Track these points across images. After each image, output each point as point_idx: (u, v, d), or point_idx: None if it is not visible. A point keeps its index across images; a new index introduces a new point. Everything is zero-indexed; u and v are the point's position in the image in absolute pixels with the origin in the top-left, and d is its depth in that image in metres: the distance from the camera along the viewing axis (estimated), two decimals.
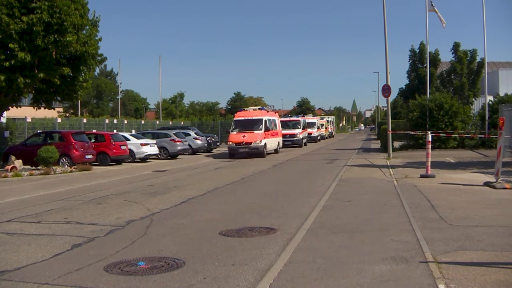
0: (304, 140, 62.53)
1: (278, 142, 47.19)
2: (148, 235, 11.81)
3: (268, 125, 42.98)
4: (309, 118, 78.89)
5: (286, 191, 19.59)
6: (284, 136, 55.96)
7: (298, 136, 59.17)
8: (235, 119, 44.48)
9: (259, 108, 47.35)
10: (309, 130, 69.98)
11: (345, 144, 66.56)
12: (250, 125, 42.27)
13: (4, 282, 8.50)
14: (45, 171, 27.55)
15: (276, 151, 45.86)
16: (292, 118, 66.33)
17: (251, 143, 40.23)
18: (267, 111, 46.83)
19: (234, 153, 40.99)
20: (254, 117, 43.35)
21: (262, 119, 42.61)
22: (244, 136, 40.61)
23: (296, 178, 24.53)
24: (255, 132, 41.14)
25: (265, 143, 41.37)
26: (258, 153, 40.55)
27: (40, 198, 19.03)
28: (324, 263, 9.05)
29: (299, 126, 61.23)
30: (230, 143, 41.23)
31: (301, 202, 16.37)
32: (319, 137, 79.05)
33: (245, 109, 47.62)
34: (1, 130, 32.88)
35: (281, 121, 60.89)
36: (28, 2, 25.76)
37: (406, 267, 8.67)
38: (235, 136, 41.17)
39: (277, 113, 52.18)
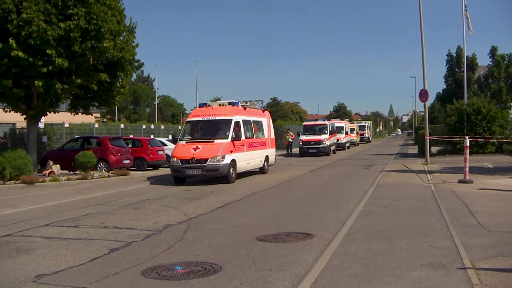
0: (332, 148, 54.43)
1: (266, 157, 31.70)
2: (185, 240, 11.82)
3: (242, 130, 27.59)
4: (337, 122, 68.52)
5: (323, 196, 19.53)
6: (308, 143, 51.18)
7: (324, 142, 50.75)
8: (188, 119, 29.61)
9: (229, 103, 28.84)
10: (336, 135, 59.63)
11: (382, 149, 65.50)
12: (211, 129, 27.43)
13: (42, 285, 8.57)
14: (82, 176, 27.76)
15: (262, 170, 31.13)
16: (318, 122, 56.76)
17: (206, 160, 24.98)
18: (244, 108, 29.63)
19: (180, 176, 25.92)
20: (217, 117, 27.41)
21: (230, 121, 26.94)
22: (196, 149, 25.44)
23: (333, 184, 24.40)
24: (216, 142, 25.90)
25: (233, 160, 25.96)
26: (220, 176, 25.51)
27: (77, 202, 19.18)
28: (361, 269, 8.99)
29: (326, 131, 52.18)
30: (174, 159, 25.68)
31: (338, 207, 16.30)
32: (348, 144, 69.16)
33: (208, 104, 29.43)
34: (39, 135, 33.18)
35: (305, 125, 55.80)
36: (65, 9, 25.97)
37: (444, 274, 8.58)
38: (183, 149, 25.92)
39: (267, 112, 34.38)
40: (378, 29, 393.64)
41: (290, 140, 54.80)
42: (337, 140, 59.86)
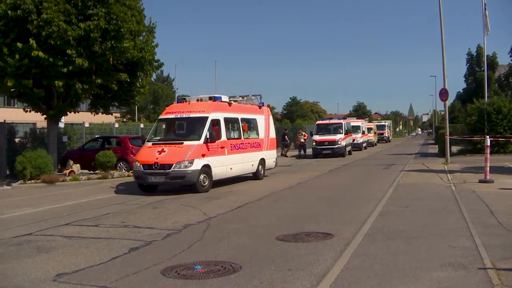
0: (348, 148, 50.69)
1: (262, 160, 27.39)
2: (205, 239, 11.86)
3: (222, 130, 23.45)
4: (353, 121, 64.71)
5: (343, 196, 19.50)
6: (322, 143, 47.60)
7: (339, 143, 47.22)
8: (160, 117, 24.96)
9: (209, 98, 24.60)
10: (352, 135, 56.58)
11: (401, 149, 64.73)
12: (183, 129, 24.31)
13: (62, 284, 8.63)
14: (102, 175, 27.89)
15: (255, 175, 26.96)
16: (332, 121, 52.93)
17: (170, 165, 21.10)
18: (229, 104, 25.27)
19: (143, 183, 22.20)
20: (191, 115, 23.21)
21: (205, 118, 22.65)
22: (161, 152, 21.64)
23: (353, 183, 24.35)
24: (186, 144, 21.88)
25: (207, 166, 21.94)
26: (187, 183, 21.63)
27: (97, 202, 19.26)
28: (381, 269, 8.97)
29: (341, 131, 48.70)
30: (137, 164, 22.04)
31: (357, 207, 16.27)
32: (365, 144, 65.55)
33: (185, 98, 26.06)
34: (59, 135, 33.29)
35: (319, 124, 52.35)
36: (85, 9, 26.05)
37: (465, 274, 8.54)
38: (147, 151, 22.31)
39: (265, 108, 29.64)
40: (397, 27, 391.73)
41: (303, 140, 51.95)
42: (353, 140, 56.73)
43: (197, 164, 21.36)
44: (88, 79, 27.49)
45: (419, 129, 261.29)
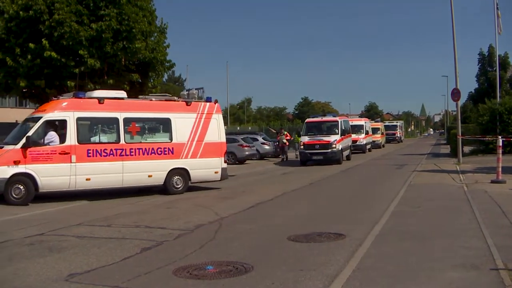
0: (346, 153, 40.69)
1: (178, 171, 21.72)
2: (217, 240, 11.86)
3: (72, 132, 19.37)
4: (355, 120, 57.80)
5: (354, 196, 19.51)
6: (311, 146, 37.65)
7: (334, 146, 37.21)
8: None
9: (73, 94, 20.65)
10: (353, 136, 48.34)
11: (413, 149, 63.54)
12: (22, 131, 20.07)
13: (74, 284, 8.63)
14: None
15: (166, 189, 21.45)
16: (325, 118, 42.01)
17: None
18: (99, 101, 20.32)
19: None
20: (35, 115, 20.77)
21: (37, 119, 19.62)
22: None
23: (364, 183, 24.33)
24: (5, 147, 19.04)
25: (24, 174, 18.45)
26: None
27: (109, 202, 19.25)
28: (393, 269, 8.96)
29: (337, 131, 38.86)
30: None
31: (369, 207, 16.26)
32: (369, 146, 57.33)
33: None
34: None
35: (309, 122, 41.87)
36: (97, 10, 26.15)
37: (477, 274, 8.53)
38: None
39: (202, 104, 23.05)
40: (409, 27, 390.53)
41: (284, 141, 44.75)
42: (354, 141, 48.27)
43: (2, 172, 18.23)
44: (100, 80, 27.59)
45: (431, 129, 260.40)
